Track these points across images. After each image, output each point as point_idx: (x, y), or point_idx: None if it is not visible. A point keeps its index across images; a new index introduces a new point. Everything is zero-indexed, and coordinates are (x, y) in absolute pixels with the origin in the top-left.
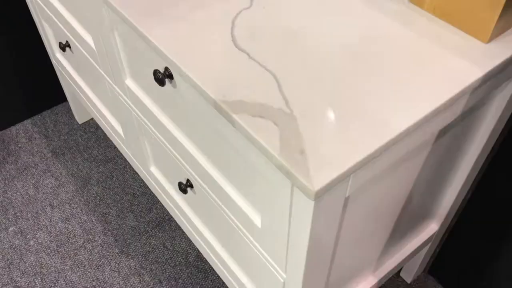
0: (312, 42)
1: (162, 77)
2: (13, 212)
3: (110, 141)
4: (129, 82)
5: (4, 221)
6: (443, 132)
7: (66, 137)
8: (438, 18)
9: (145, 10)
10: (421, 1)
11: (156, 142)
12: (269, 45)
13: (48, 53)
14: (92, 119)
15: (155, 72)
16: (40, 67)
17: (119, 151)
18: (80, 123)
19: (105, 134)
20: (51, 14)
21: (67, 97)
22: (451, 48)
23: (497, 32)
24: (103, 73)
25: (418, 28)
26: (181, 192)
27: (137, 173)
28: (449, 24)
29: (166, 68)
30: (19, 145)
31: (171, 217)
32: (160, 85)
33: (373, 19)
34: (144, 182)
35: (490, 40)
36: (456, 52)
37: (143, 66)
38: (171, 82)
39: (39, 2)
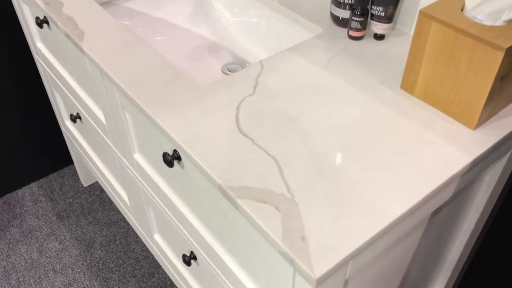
0: (310, 127)
1: (171, 159)
2: (15, 277)
3: (114, 204)
4: (138, 157)
5: (6, 286)
6: (437, 211)
7: (71, 200)
8: (428, 104)
9: (156, 96)
10: (411, 88)
11: (161, 214)
12: (271, 130)
13: (58, 119)
14: (97, 182)
15: (164, 155)
16: (49, 131)
17: (122, 215)
18: (85, 186)
19: (109, 197)
20: (62, 86)
21: (73, 161)
22: (440, 134)
23: (483, 119)
24: (112, 145)
25: (409, 114)
26: (184, 264)
27: (140, 237)
28: (438, 110)
29: (175, 151)
30: (25, 208)
31: (173, 283)
32: (169, 166)
33: (367, 105)
34: (146, 246)
35: (477, 126)
36: (445, 139)
37: (153, 145)
38: (179, 163)
39: (51, 73)
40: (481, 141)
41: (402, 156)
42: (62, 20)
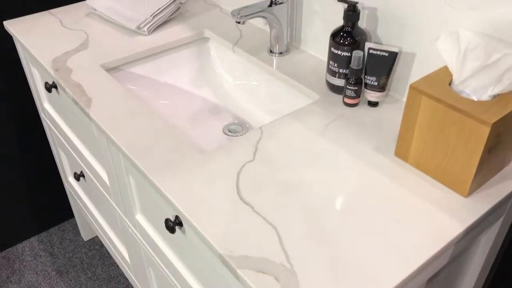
0: (309, 195)
1: (173, 225)
2: None
3: (113, 259)
4: (140, 218)
5: None
6: (433, 276)
7: (71, 254)
8: (421, 172)
9: (160, 163)
10: (405, 156)
11: (162, 275)
12: (271, 197)
13: (61, 175)
14: (97, 236)
15: (167, 221)
16: (51, 185)
17: (121, 270)
18: (85, 240)
19: (109, 252)
20: (67, 146)
21: (75, 215)
22: (434, 202)
23: (475, 187)
24: (114, 205)
25: (403, 182)
26: None
27: None
28: (432, 178)
29: (177, 217)
30: (24, 264)
31: None
32: (170, 232)
33: (363, 172)
34: None
35: (469, 194)
36: (438, 207)
37: (155, 208)
38: (180, 229)
39: (57, 133)
40: (473, 208)
41: (397, 225)
42: (70, 86)
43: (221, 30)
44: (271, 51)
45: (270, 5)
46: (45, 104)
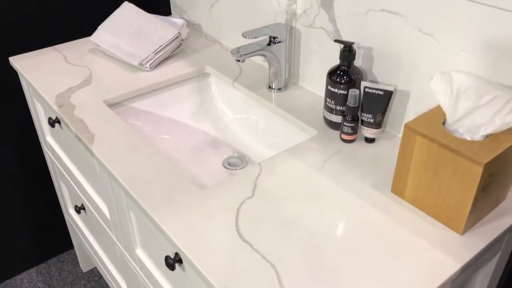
0: (307, 232)
1: (173, 262)
2: None
3: None
4: (140, 252)
5: None
6: None
7: (70, 286)
8: (417, 208)
9: (160, 200)
10: (401, 193)
11: None
12: (270, 235)
13: (61, 207)
14: (96, 267)
15: (166, 258)
16: (51, 217)
17: None
18: (84, 272)
19: (108, 284)
20: (69, 179)
21: (74, 246)
22: (430, 239)
23: (470, 224)
24: (114, 238)
25: (400, 219)
26: None
27: None
28: (428, 215)
29: (176, 253)
30: None
31: None
32: (170, 269)
33: (360, 209)
34: None
35: (465, 231)
36: (434, 244)
37: (155, 244)
38: (180, 266)
39: (58, 165)
40: (469, 246)
41: (394, 262)
42: (73, 122)
43: (222, 66)
44: (270, 87)
45: (269, 44)
46: (48, 137)
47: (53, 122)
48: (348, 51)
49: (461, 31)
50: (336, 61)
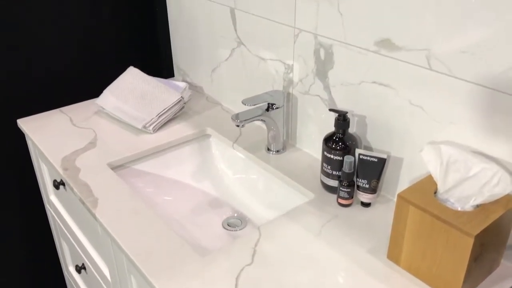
0: None
1: None
2: None
3: None
4: None
5: None
6: None
7: None
8: (413, 275)
9: (161, 267)
10: (397, 259)
11: None
12: None
13: (62, 265)
14: None
15: None
16: (51, 275)
17: None
18: None
19: None
20: (71, 238)
21: None
22: None
23: None
24: None
25: (395, 286)
26: None
27: None
28: (423, 282)
29: None
30: None
31: None
32: None
33: (357, 276)
34: None
35: None
36: None
37: None
38: None
39: (61, 224)
40: None
41: None
42: (78, 186)
43: (222, 127)
44: (268, 149)
45: (268, 109)
46: (51, 197)
47: (58, 184)
48: (342, 119)
49: (448, 105)
50: (332, 126)
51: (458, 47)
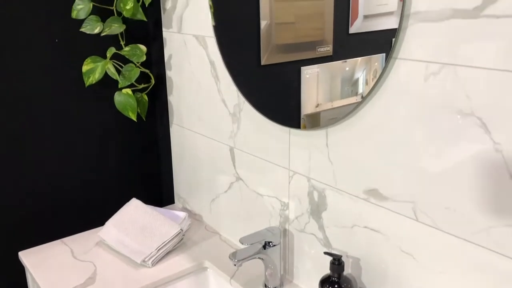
0: None
1: None
2: None
3: None
4: None
5: None
6: None
7: None
8: None
9: None
10: None
11: None
12: None
13: None
14: None
15: None
16: None
17: None
18: None
19: None
20: None
21: None
22: None
23: None
24: None
25: None
26: None
27: None
28: None
29: None
30: None
31: None
32: None
33: None
34: None
35: None
36: None
37: None
38: None
39: None
40: None
41: None
42: None
43: (220, 260)
44: (266, 286)
45: (264, 248)
46: None
47: None
48: (337, 263)
49: (437, 256)
50: (329, 263)
51: (442, 204)
